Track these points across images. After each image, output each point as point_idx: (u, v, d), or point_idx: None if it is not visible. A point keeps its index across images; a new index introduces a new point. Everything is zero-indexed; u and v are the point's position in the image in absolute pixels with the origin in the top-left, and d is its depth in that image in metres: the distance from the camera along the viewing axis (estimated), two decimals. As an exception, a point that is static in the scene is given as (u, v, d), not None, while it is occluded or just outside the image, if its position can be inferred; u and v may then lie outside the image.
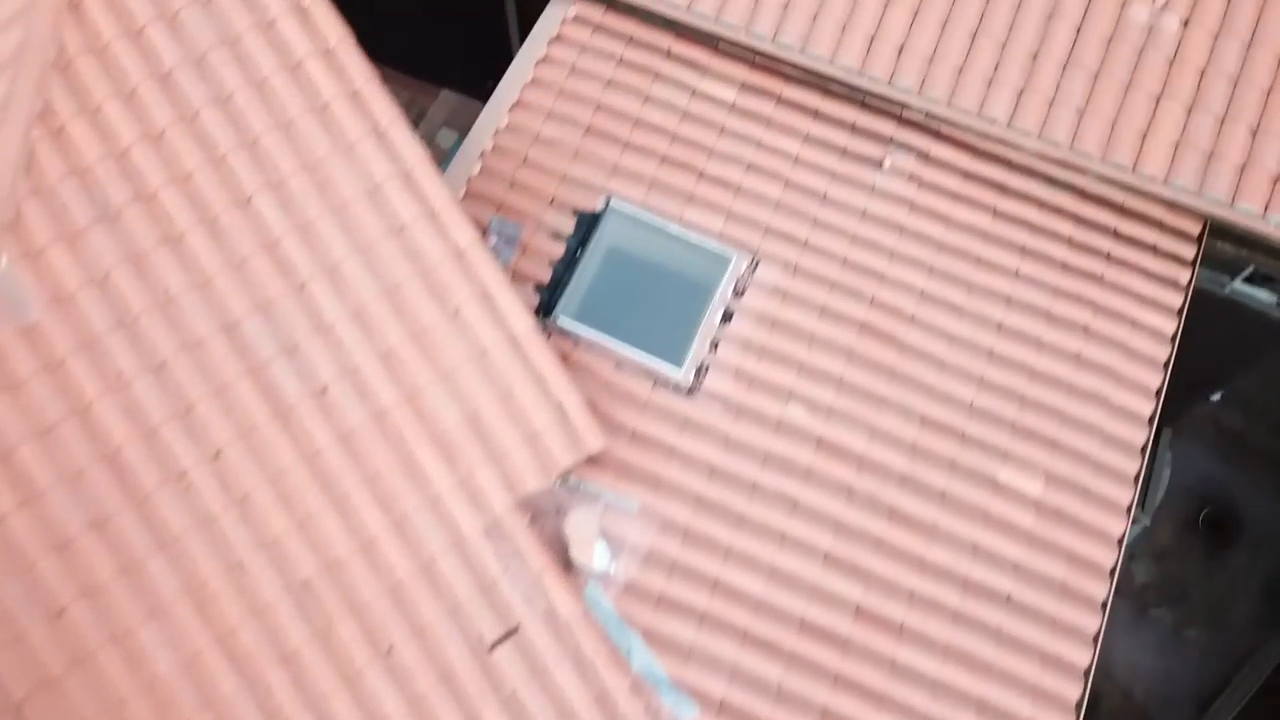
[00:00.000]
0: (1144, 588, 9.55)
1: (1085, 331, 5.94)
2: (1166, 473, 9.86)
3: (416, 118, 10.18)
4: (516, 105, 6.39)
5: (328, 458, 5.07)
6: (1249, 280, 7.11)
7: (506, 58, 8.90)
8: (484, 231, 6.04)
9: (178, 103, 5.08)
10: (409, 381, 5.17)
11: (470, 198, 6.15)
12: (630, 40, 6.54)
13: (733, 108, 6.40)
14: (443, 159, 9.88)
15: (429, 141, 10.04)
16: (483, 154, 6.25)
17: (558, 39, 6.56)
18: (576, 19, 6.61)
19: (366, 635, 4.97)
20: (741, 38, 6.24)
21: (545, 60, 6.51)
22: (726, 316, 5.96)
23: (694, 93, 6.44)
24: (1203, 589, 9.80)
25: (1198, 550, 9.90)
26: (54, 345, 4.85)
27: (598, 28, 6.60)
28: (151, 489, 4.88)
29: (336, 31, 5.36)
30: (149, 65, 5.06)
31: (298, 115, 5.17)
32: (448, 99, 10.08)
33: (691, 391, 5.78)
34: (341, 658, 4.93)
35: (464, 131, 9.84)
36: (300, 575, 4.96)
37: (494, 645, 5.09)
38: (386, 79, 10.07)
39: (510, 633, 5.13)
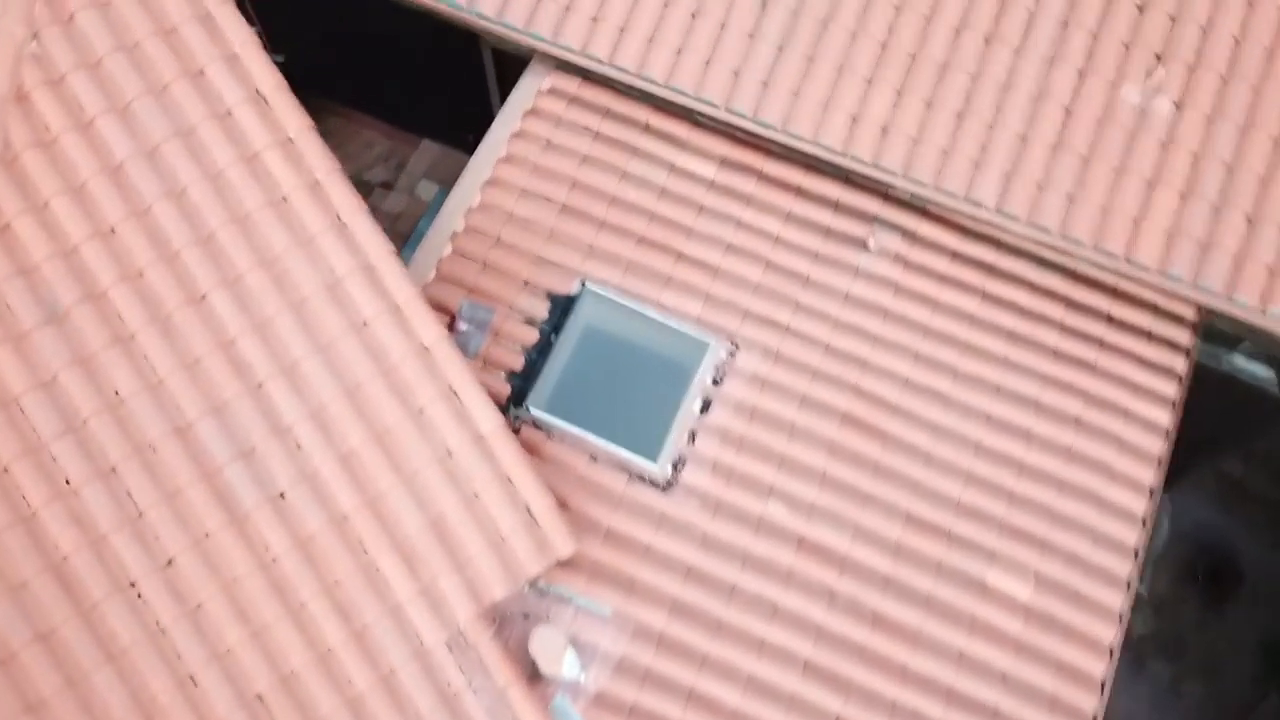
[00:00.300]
0: (1141, 640, 9.42)
1: (1077, 423, 5.83)
2: (1165, 520, 9.75)
3: (396, 168, 10.09)
4: (489, 183, 6.29)
5: (284, 565, 4.95)
6: (1247, 355, 7.00)
7: (487, 113, 8.90)
8: (454, 317, 5.94)
9: (129, 197, 4.99)
10: (370, 485, 5.05)
11: (440, 281, 6.04)
12: (607, 114, 6.46)
13: (712, 185, 6.32)
14: (423, 212, 9.87)
15: (409, 193, 9.97)
16: (454, 235, 6.15)
17: (533, 112, 6.48)
18: (552, 91, 6.52)
19: (323, 752, 4.83)
20: (721, 114, 6.15)
21: (520, 135, 6.42)
22: (705, 406, 5.85)
23: (672, 169, 6.35)
24: (1201, 642, 9.67)
25: (1195, 602, 9.78)
26: (-2, 454, 4.73)
27: (573, 100, 6.51)
28: (99, 599, 4.77)
29: (297, 121, 5.27)
30: (99, 159, 4.98)
31: (255, 209, 5.08)
32: (428, 150, 9.99)
33: (668, 487, 5.66)
34: (296, 777, 4.79)
35: (445, 184, 9.91)
36: (254, 689, 4.84)
37: (456, 761, 4.95)
38: (367, 128, 10.14)
39: (474, 748, 4.99)
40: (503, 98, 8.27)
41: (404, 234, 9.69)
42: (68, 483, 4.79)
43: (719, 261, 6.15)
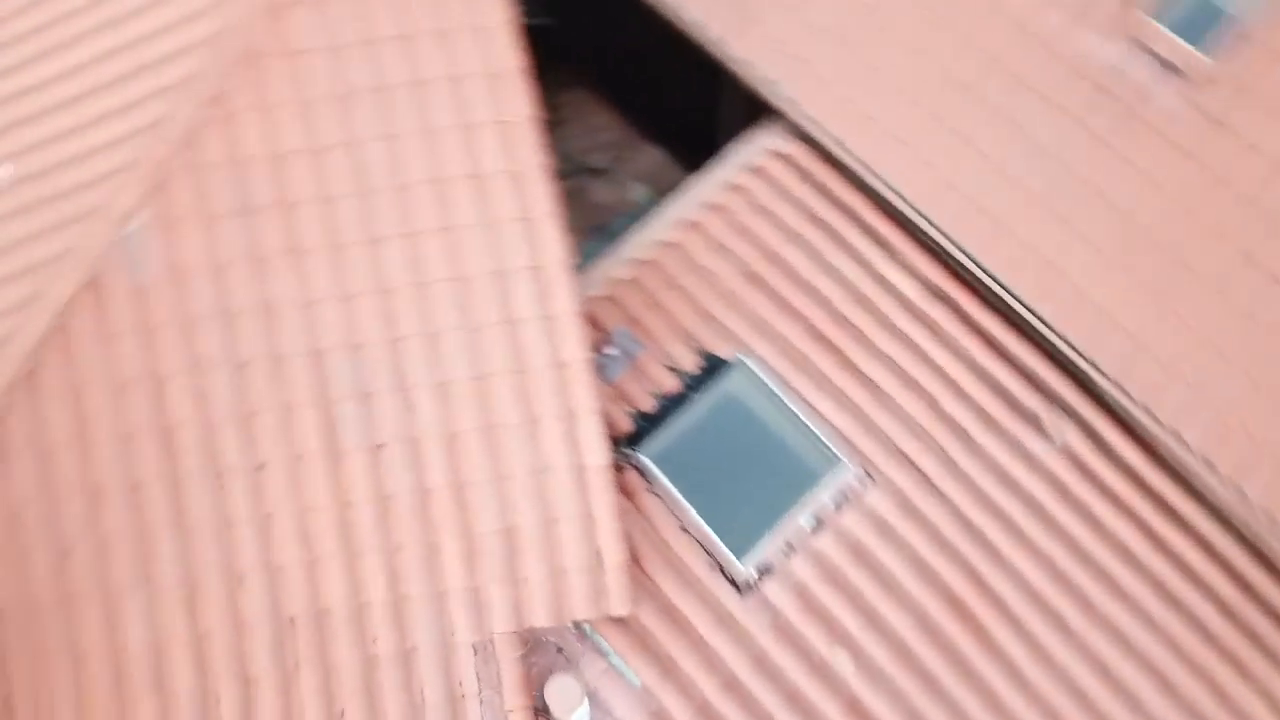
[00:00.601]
0: None
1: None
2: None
3: (616, 160, 10.24)
4: (689, 224, 6.30)
5: (358, 512, 5.15)
6: None
7: (714, 143, 8.91)
8: (606, 337, 5.95)
9: (348, 127, 5.29)
10: (463, 471, 5.18)
11: (606, 299, 6.11)
12: (828, 196, 6.37)
13: (908, 304, 6.11)
14: (627, 211, 9.98)
15: (620, 188, 10.10)
16: (636, 261, 6.15)
17: (755, 170, 6.46)
18: (781, 156, 6.49)
19: (324, 695, 5.01)
20: (942, 240, 5.93)
21: (736, 189, 6.42)
22: (815, 524, 5.65)
23: (874, 274, 6.18)
24: None
25: None
26: (155, 312, 5.13)
27: (799, 171, 6.47)
28: (189, 474, 5.10)
29: (521, 107, 5.47)
30: (334, 83, 5.29)
31: (455, 176, 5.31)
32: (652, 154, 10.10)
33: (745, 590, 5.51)
34: (293, 706, 4.93)
35: (657, 190, 10.00)
36: (290, 611, 5.05)
37: (435, 763, 4.99)
38: (604, 112, 10.32)
39: (457, 759, 5.01)
40: (734, 131, 8.33)
41: (600, 226, 9.86)
42: (202, 362, 5.08)
43: (885, 383, 5.95)
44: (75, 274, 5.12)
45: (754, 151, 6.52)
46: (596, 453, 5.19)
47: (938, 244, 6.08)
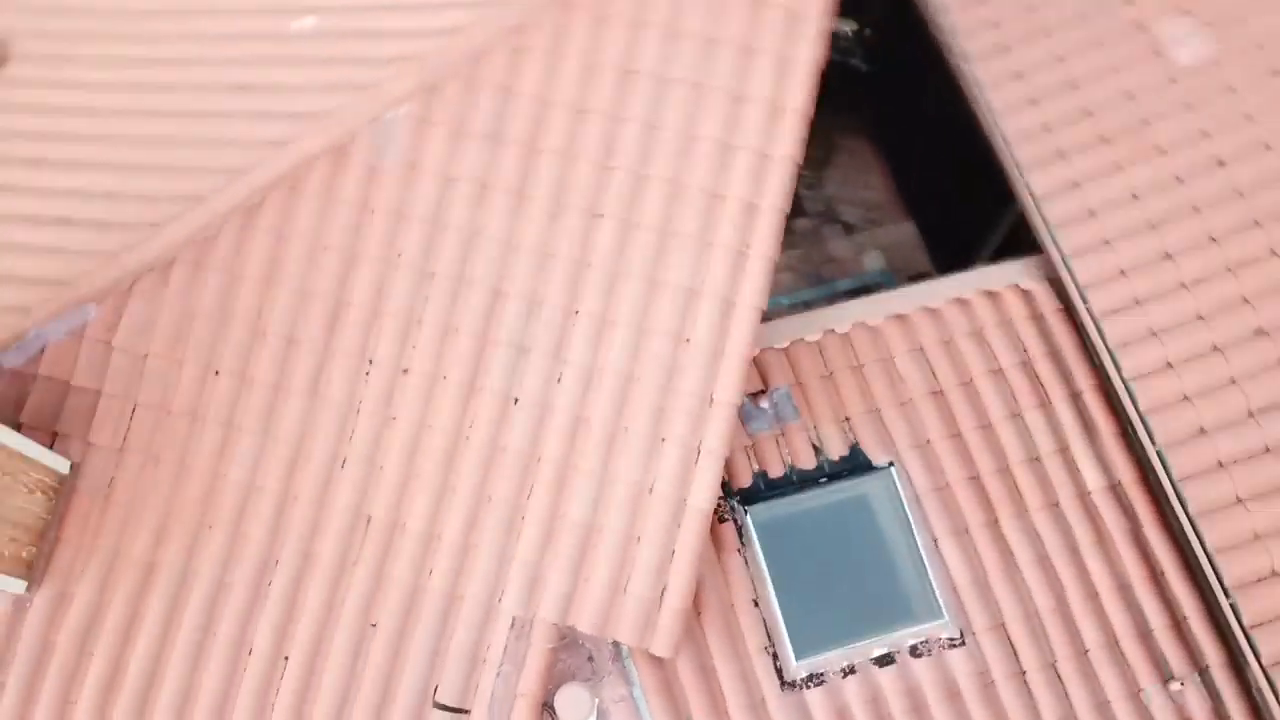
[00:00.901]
0: None
1: None
2: None
3: (868, 222, 10.03)
4: (899, 318, 6.07)
5: (469, 451, 5.32)
6: None
7: (969, 249, 8.57)
8: (765, 389, 5.86)
9: (619, 101, 5.43)
10: (576, 455, 5.26)
11: (783, 354, 6.01)
12: (1052, 351, 6.03)
13: (1083, 496, 5.71)
14: (858, 275, 9.78)
15: (857, 250, 9.90)
16: (830, 331, 6.01)
17: (992, 295, 6.14)
18: (1023, 292, 6.13)
19: (366, 600, 5.22)
20: (1152, 451, 5.50)
21: (963, 304, 6.13)
22: (885, 658, 5.39)
23: (1063, 449, 5.78)
24: None
25: None
26: (378, 196, 5.44)
27: (1035, 314, 6.11)
28: (343, 349, 5.39)
29: (787, 147, 5.40)
30: (624, 57, 5.43)
31: (692, 184, 5.37)
32: (905, 230, 9.82)
33: (787, 687, 5.33)
34: (336, 597, 5.17)
35: (893, 266, 9.74)
36: (371, 510, 5.28)
37: (437, 705, 5.12)
38: (879, 172, 10.12)
39: (459, 711, 5.12)
40: (992, 237, 7.98)
41: (825, 279, 9.71)
42: (397, 256, 5.36)
43: (1021, 560, 5.59)
44: (328, 135, 5.46)
45: (998, 276, 6.22)
46: (704, 495, 5.13)
47: (1149, 460, 5.64)
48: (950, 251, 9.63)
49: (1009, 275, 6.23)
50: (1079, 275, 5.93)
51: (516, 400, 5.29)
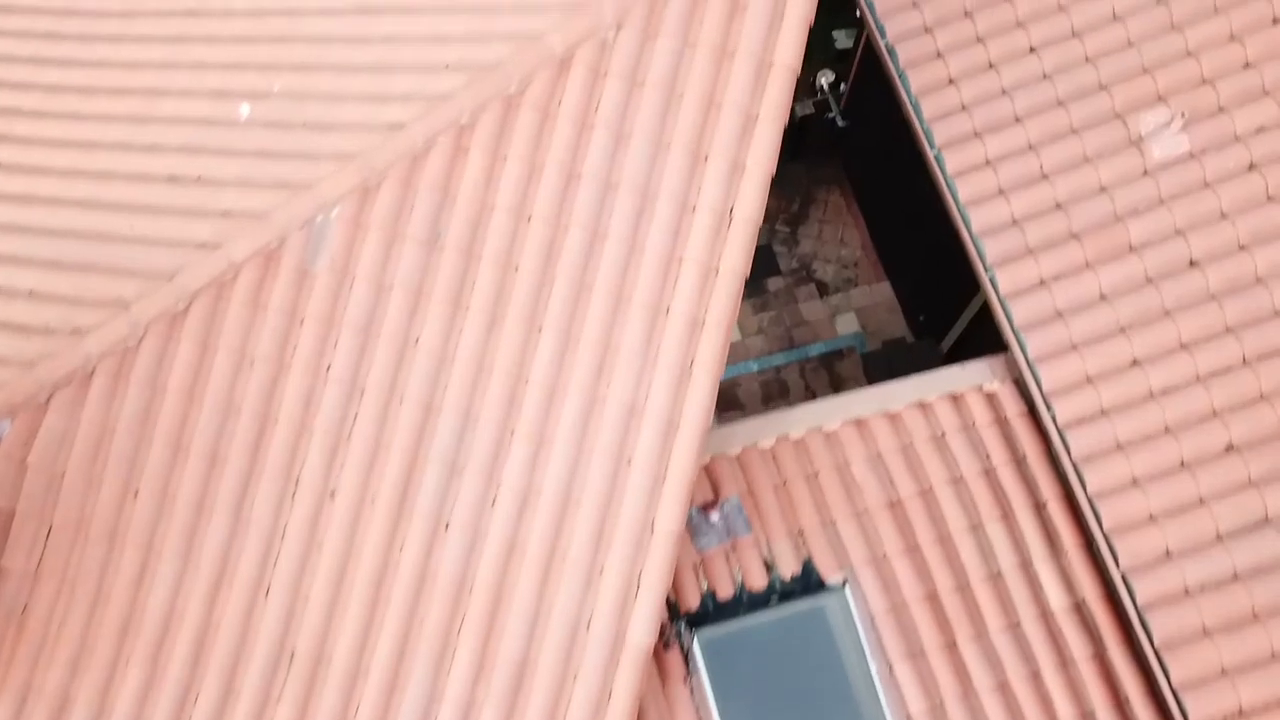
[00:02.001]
0: None
1: None
2: None
3: (843, 281, 9.82)
4: (858, 423, 5.88)
5: (397, 579, 5.12)
6: None
7: (949, 319, 8.38)
8: (717, 501, 5.68)
9: (562, 206, 5.23)
10: (509, 583, 5.06)
11: (735, 462, 5.80)
12: (1015, 458, 5.83)
13: (1046, 616, 5.52)
14: (830, 342, 9.57)
15: (830, 312, 9.69)
16: (785, 436, 5.83)
17: (954, 398, 5.94)
18: (986, 394, 5.93)
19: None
20: (1116, 576, 5.32)
21: (924, 407, 5.93)
22: (836, 790, 5.22)
23: (1025, 564, 5.59)
24: None
25: None
26: (309, 302, 5.22)
27: (999, 418, 5.91)
28: (268, 469, 5.18)
29: (737, 260, 5.12)
30: (570, 159, 5.22)
31: (642, 303, 5.12)
32: (880, 292, 9.62)
33: (733, 823, 5.16)
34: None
35: (868, 329, 9.54)
36: (294, 643, 5.09)
37: None
38: (857, 229, 9.90)
39: None
40: (971, 316, 7.80)
41: (797, 343, 9.51)
42: (327, 368, 5.16)
43: (980, 685, 5.40)
44: (258, 238, 5.24)
45: (961, 378, 6.01)
46: (643, 631, 4.89)
47: (1114, 583, 5.45)
48: (927, 314, 9.46)
49: (973, 376, 6.03)
50: (1044, 382, 5.72)
51: (448, 525, 5.07)
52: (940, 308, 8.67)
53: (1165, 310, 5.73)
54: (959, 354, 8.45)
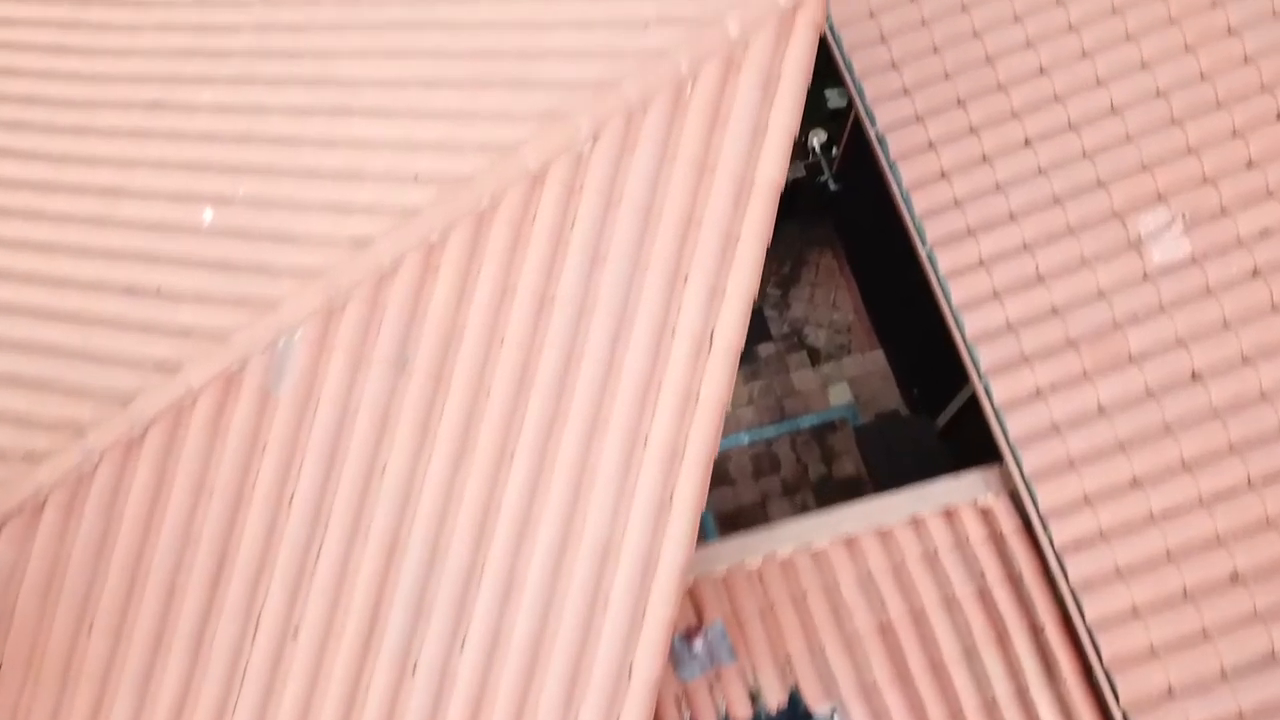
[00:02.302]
0: None
1: None
2: None
3: (837, 346, 9.62)
4: (848, 541, 5.66)
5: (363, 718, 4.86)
6: None
7: (945, 398, 8.16)
8: (701, 628, 5.46)
9: (535, 329, 5.01)
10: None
11: (721, 584, 5.59)
12: (1011, 577, 5.62)
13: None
14: (825, 410, 9.35)
15: (822, 381, 9.47)
16: (772, 555, 5.62)
17: (947, 514, 5.73)
18: (981, 510, 5.72)
19: None
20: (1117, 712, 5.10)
21: (916, 524, 5.72)
22: None
23: (1021, 691, 5.39)
24: None
25: None
26: (271, 427, 5.02)
27: (995, 535, 5.72)
28: (228, 604, 4.97)
29: (726, 362, 4.91)
30: (543, 282, 5.02)
31: (620, 428, 4.88)
32: (874, 360, 9.41)
33: None
34: None
35: (860, 400, 9.33)
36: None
37: None
38: (851, 292, 9.69)
39: None
40: (967, 419, 7.58)
41: (788, 413, 9.28)
42: (290, 497, 4.94)
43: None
44: (218, 360, 5.04)
45: (956, 491, 5.80)
46: (625, 776, 4.74)
47: (1115, 718, 5.23)
48: (921, 388, 9.24)
49: (967, 489, 5.81)
50: (1041, 501, 5.51)
51: (415, 666, 4.85)
52: (935, 383, 8.45)
53: (1166, 426, 5.52)
54: (954, 432, 8.26)
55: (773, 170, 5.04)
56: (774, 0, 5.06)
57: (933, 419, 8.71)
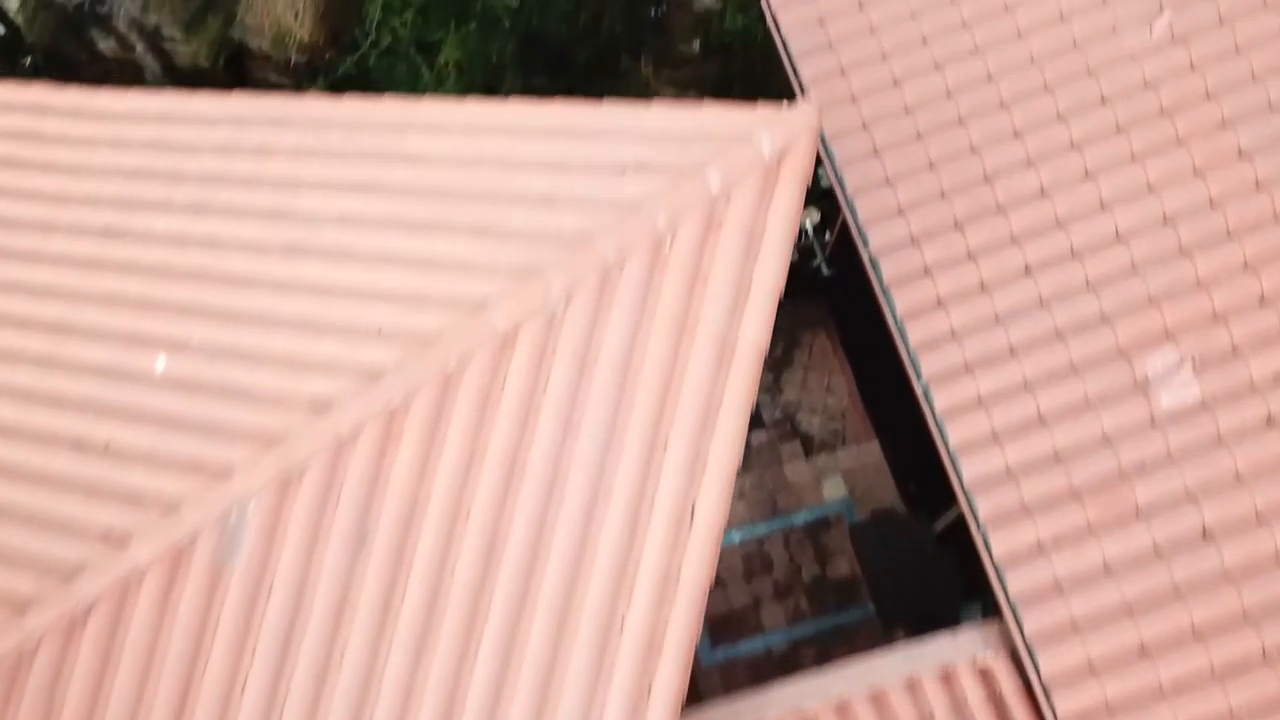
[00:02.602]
0: None
1: None
2: None
3: (832, 435, 9.32)
4: (840, 708, 5.37)
5: None
6: None
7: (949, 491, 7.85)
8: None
9: (502, 501, 4.74)
10: None
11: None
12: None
13: None
14: (819, 506, 9.05)
15: (816, 475, 9.16)
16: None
17: (944, 676, 5.44)
18: (980, 670, 5.43)
19: None
20: None
21: (911, 687, 5.43)
22: None
23: None
24: None
25: None
26: (221, 607, 4.75)
27: (995, 699, 5.40)
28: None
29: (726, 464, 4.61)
30: (512, 450, 4.74)
31: (587, 608, 4.59)
32: (869, 453, 9.11)
33: None
34: None
35: (854, 494, 9.03)
36: None
37: None
38: (845, 376, 9.41)
39: None
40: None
41: (780, 509, 8.99)
42: (240, 686, 4.67)
43: None
44: (171, 533, 4.76)
45: (954, 649, 5.51)
46: None
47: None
48: (919, 485, 8.95)
49: (966, 647, 5.52)
50: (1043, 667, 5.20)
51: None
52: (933, 482, 8.15)
53: (1176, 589, 5.22)
54: (952, 538, 7.96)
55: (756, 332, 4.75)
56: (758, 151, 4.78)
57: (931, 517, 8.42)
